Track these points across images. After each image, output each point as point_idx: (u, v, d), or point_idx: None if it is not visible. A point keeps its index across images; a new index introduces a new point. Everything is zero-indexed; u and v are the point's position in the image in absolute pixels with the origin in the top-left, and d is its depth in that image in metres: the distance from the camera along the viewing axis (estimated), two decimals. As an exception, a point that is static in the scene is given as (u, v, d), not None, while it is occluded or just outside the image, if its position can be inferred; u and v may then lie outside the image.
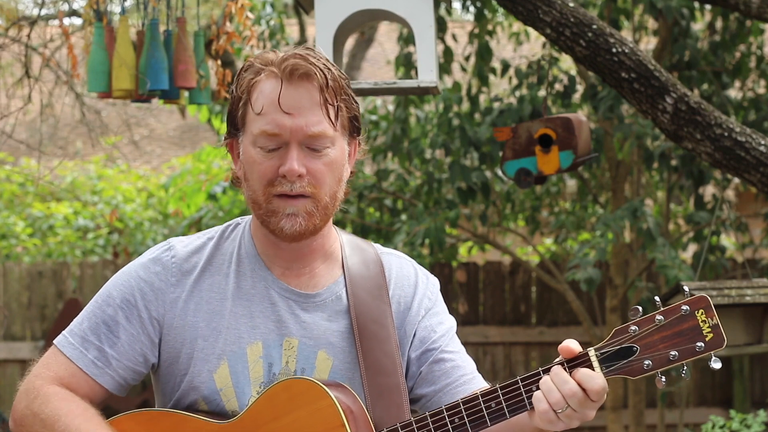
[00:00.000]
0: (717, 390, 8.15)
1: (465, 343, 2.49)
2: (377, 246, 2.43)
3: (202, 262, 2.31)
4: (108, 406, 2.31)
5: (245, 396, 2.26)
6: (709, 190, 8.51)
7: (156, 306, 2.28)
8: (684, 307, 2.06)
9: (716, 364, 2.04)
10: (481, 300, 8.21)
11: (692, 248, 8.44)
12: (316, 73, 2.20)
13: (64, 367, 2.27)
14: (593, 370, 2.07)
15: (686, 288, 2.10)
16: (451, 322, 2.41)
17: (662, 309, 2.07)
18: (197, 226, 9.13)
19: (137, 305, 2.28)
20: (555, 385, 2.06)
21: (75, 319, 2.33)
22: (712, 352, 2.04)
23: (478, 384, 2.32)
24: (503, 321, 8.18)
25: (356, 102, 2.30)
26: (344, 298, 2.32)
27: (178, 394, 2.29)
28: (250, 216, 2.37)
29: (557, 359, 2.12)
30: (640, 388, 7.20)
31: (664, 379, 2.07)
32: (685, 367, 2.06)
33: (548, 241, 9.33)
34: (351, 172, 2.33)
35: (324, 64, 2.23)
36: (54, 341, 2.32)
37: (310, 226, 2.23)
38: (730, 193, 9.06)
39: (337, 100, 2.23)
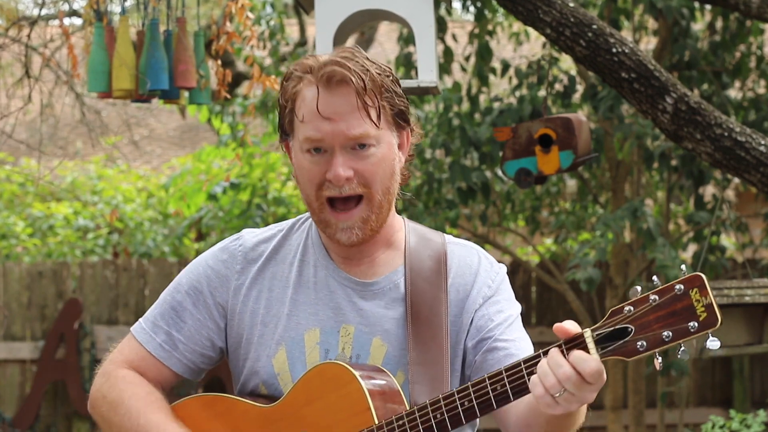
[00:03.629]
0: (717, 390, 8.16)
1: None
2: (449, 237, 2.44)
3: (268, 252, 2.38)
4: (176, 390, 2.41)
5: None
6: (709, 190, 8.51)
7: (221, 293, 2.37)
8: (678, 286, 2.01)
9: (713, 344, 2.00)
10: (481, 300, 8.20)
11: (692, 248, 8.44)
12: (352, 78, 2.23)
13: (135, 351, 2.37)
14: (588, 351, 2.04)
15: (683, 267, 2.05)
16: (512, 309, 2.39)
17: (657, 288, 2.03)
18: (197, 226, 9.15)
19: (203, 292, 2.37)
20: (550, 369, 2.05)
21: (150, 307, 2.43)
22: (708, 332, 2.00)
23: None
24: (503, 321, 8.17)
25: (402, 96, 2.33)
26: (402, 286, 2.35)
27: (242, 378, 2.37)
28: None
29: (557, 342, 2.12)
30: (640, 389, 7.20)
31: (661, 359, 2.04)
32: (682, 348, 2.02)
33: (548, 241, 9.33)
34: (410, 157, 2.37)
35: (362, 67, 2.25)
36: (131, 328, 2.42)
37: (368, 232, 2.28)
38: (730, 193, 9.06)
39: (378, 99, 2.26)
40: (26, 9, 9.88)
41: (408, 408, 2.22)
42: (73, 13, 6.70)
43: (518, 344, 2.33)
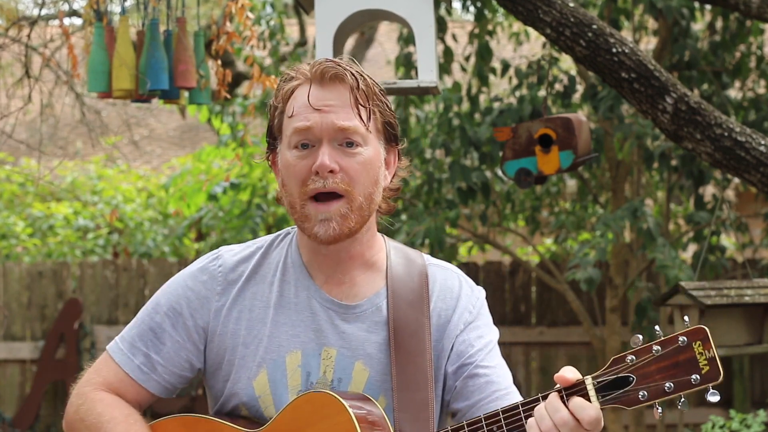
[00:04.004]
0: (717, 390, 8.14)
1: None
2: (427, 257, 2.43)
3: (248, 272, 2.34)
4: (150, 409, 2.38)
5: (283, 403, 2.28)
6: (709, 190, 8.51)
7: (201, 314, 2.33)
8: (681, 338, 2.03)
9: (713, 398, 2.02)
10: (481, 300, 8.20)
11: (692, 248, 8.44)
12: (347, 75, 2.24)
13: (113, 373, 2.34)
14: (589, 399, 2.06)
15: (686, 319, 2.08)
16: (491, 335, 2.39)
17: (660, 339, 2.04)
18: (197, 226, 9.14)
19: (183, 313, 2.33)
20: (547, 413, 2.06)
21: (127, 326, 2.40)
22: (709, 385, 2.03)
23: (512, 399, 2.30)
24: (503, 321, 8.17)
25: (393, 113, 2.33)
26: (384, 310, 2.33)
27: (222, 399, 2.34)
28: None
29: (555, 387, 2.12)
30: (640, 388, 7.19)
31: (660, 410, 2.05)
32: (683, 399, 2.04)
33: (548, 241, 9.33)
34: (392, 183, 2.35)
35: (357, 71, 2.27)
36: (107, 347, 2.38)
37: (345, 229, 2.25)
38: (730, 193, 9.06)
39: (369, 103, 2.26)
40: (26, 9, 9.88)
41: None
42: (73, 13, 6.70)
43: (498, 371, 2.34)
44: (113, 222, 9.34)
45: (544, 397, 2.09)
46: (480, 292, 2.42)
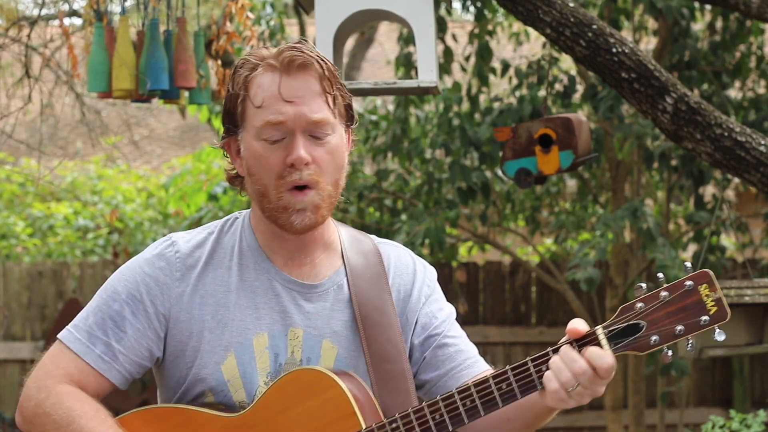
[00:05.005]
0: (717, 390, 8.15)
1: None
2: (373, 237, 2.46)
3: (204, 256, 2.33)
4: (108, 405, 2.31)
5: (253, 386, 2.28)
6: (709, 190, 8.51)
7: (162, 301, 2.30)
8: (688, 283, 2.10)
9: (720, 336, 2.08)
10: (481, 300, 8.21)
11: (692, 248, 8.44)
12: (313, 63, 2.24)
13: (73, 364, 2.27)
14: (601, 347, 2.09)
15: (688, 264, 2.14)
16: (450, 308, 2.44)
17: (666, 285, 2.11)
18: (197, 226, 9.13)
19: (143, 300, 2.29)
20: (565, 364, 2.09)
21: (78, 316, 2.33)
22: (716, 326, 2.08)
23: (482, 367, 2.35)
24: (503, 321, 8.18)
25: (348, 91, 2.34)
26: (345, 288, 2.34)
27: (184, 387, 2.31)
28: (248, 210, 2.39)
29: (564, 339, 2.14)
30: (640, 389, 7.20)
31: (670, 353, 2.11)
32: (691, 341, 2.10)
33: (548, 241, 9.33)
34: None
35: (318, 55, 2.27)
36: (59, 336, 2.32)
37: (319, 218, 2.27)
38: (730, 193, 9.06)
39: (333, 88, 2.26)
40: (26, 9, 9.88)
41: (380, 411, 2.23)
42: (73, 13, 6.69)
43: (464, 340, 2.40)
44: (113, 222, 9.34)
45: (556, 350, 2.12)
46: (432, 269, 2.47)
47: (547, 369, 2.11)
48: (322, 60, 2.26)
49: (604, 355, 2.08)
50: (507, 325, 8.15)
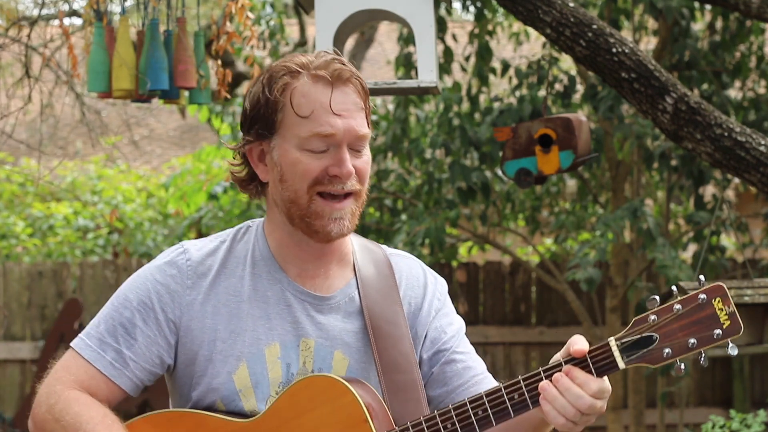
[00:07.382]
0: (717, 390, 8.15)
1: (465, 343, 2.49)
2: (384, 247, 2.46)
3: (216, 265, 2.33)
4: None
5: (264, 396, 2.29)
6: (709, 190, 8.51)
7: (172, 308, 2.30)
8: (701, 296, 2.11)
9: (733, 351, 2.09)
10: (481, 300, 8.21)
11: (692, 248, 8.44)
12: (357, 78, 2.28)
13: (83, 370, 2.29)
14: (615, 359, 2.11)
15: (701, 278, 2.15)
16: (460, 322, 2.44)
17: (680, 298, 2.12)
18: (197, 226, 9.14)
19: (154, 308, 2.30)
20: (569, 403, 2.12)
21: (90, 323, 2.35)
22: (728, 339, 2.10)
23: (490, 384, 2.35)
24: (503, 321, 8.18)
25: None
26: (357, 300, 2.35)
27: (195, 396, 2.32)
28: (261, 219, 2.40)
29: (554, 357, 2.16)
30: (640, 388, 7.20)
31: (683, 366, 2.12)
32: (703, 354, 2.11)
33: (548, 241, 9.33)
34: None
35: (354, 69, 2.30)
36: (71, 344, 2.33)
37: (352, 227, 2.30)
38: (730, 193, 9.06)
39: (368, 103, 2.31)
40: (26, 9, 9.88)
41: (392, 419, 2.24)
42: (73, 13, 6.70)
43: (473, 356, 2.41)
44: (113, 222, 9.34)
45: (546, 371, 2.14)
46: (443, 281, 2.47)
47: (543, 380, 2.14)
48: (358, 75, 2.29)
49: (589, 380, 2.11)
50: (507, 325, 8.15)
